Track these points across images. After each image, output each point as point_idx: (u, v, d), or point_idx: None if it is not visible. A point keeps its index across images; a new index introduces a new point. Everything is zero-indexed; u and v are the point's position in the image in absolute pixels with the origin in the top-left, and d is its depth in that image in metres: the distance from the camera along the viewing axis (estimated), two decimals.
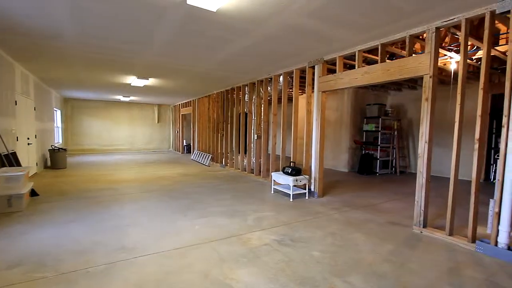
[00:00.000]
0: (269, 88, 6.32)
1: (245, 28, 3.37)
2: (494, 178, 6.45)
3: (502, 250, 2.68)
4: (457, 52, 4.31)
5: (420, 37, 3.80)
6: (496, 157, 6.51)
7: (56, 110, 10.31)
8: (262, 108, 6.35)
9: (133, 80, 6.84)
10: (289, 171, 4.77)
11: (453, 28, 3.22)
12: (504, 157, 2.67)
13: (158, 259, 2.54)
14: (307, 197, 4.79)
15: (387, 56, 4.36)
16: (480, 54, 4.46)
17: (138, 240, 2.96)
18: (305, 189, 4.81)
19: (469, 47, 4.15)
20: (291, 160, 5.15)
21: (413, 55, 3.35)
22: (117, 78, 6.75)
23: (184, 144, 12.33)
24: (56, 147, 8.10)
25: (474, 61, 4.79)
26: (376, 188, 5.74)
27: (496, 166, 6.53)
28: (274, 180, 5.11)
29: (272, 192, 5.16)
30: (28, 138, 6.17)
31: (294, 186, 4.76)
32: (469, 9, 2.82)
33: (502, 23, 3.39)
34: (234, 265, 2.44)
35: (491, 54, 3.51)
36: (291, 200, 4.61)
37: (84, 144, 11.99)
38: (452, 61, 4.69)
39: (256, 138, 6.57)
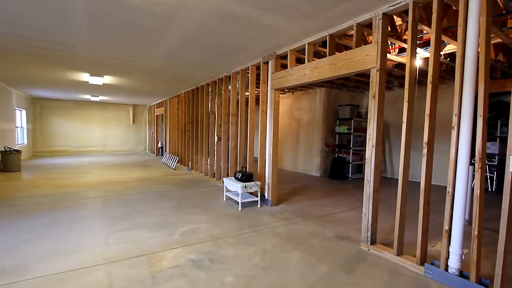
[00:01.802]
0: (230, 86, 5.87)
1: (169, 14, 2.92)
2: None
3: (452, 276, 2.24)
4: (422, 46, 3.91)
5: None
6: (472, 161, 6.11)
7: (19, 110, 9.75)
8: (223, 108, 5.89)
9: (88, 78, 6.33)
10: (239, 177, 4.30)
11: (403, 14, 2.80)
12: (454, 165, 2.24)
13: (34, 285, 2.04)
14: (259, 206, 4.32)
15: (345, 51, 3.93)
16: (449, 49, 4.06)
17: (26, 260, 2.46)
18: (258, 197, 4.34)
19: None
20: (243, 165, 4.68)
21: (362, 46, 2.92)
22: (69, 75, 6.23)
23: (159, 146, 11.81)
24: (9, 148, 7.52)
25: (443, 57, 4.39)
26: (342, 195, 5.29)
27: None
28: (225, 187, 4.64)
29: (225, 199, 4.68)
30: None
31: (247, 193, 4.31)
32: None
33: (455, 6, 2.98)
34: None
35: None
36: (239, 209, 4.13)
37: (55, 145, 11.39)
38: (418, 56, 4.28)
39: (217, 140, 6.10)
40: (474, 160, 2.17)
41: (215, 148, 6.24)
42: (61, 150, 11.35)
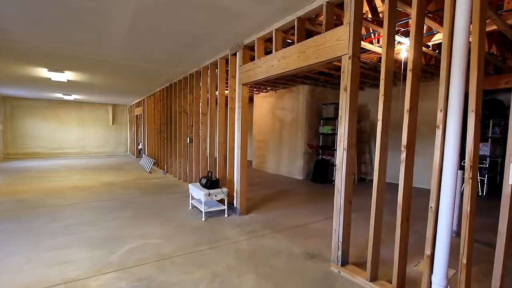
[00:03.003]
0: (201, 83, 5.37)
1: None
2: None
3: None
4: (406, 35, 3.48)
5: None
6: (462, 163, 5.71)
7: None
8: (194, 106, 5.39)
9: (48, 74, 5.76)
10: (204, 183, 3.82)
11: None
12: (439, 173, 1.79)
13: None
14: (226, 215, 3.83)
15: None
16: (439, 38, 3.63)
17: None
18: (225, 205, 3.85)
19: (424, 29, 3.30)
20: (209, 170, 4.19)
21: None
22: (28, 71, 5.66)
23: (139, 147, 11.23)
24: None
25: (431, 48, 3.96)
26: (322, 201, 4.84)
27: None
28: (190, 194, 4.14)
29: (190, 207, 4.18)
30: None
31: (216, 200, 3.82)
32: None
33: None
34: None
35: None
36: (203, 219, 3.64)
37: (28, 147, 10.71)
38: (403, 48, 3.85)
39: (189, 142, 5.60)
40: (464, 163, 1.72)
41: (188, 150, 5.74)
42: (34, 152, 10.66)
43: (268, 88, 7.81)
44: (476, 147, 1.69)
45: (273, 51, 3.16)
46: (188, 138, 5.64)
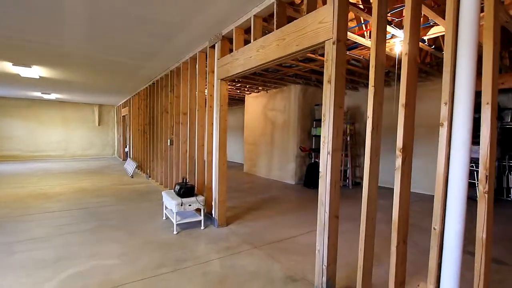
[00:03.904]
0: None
1: None
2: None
3: None
4: (399, 26, 3.10)
5: None
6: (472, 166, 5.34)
7: None
8: (175, 105, 4.98)
9: (14, 69, 5.31)
10: (177, 190, 3.40)
11: None
12: (443, 184, 1.40)
13: None
14: (202, 227, 3.41)
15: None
16: (435, 31, 3.27)
17: None
18: (201, 216, 3.43)
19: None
20: (183, 176, 3.78)
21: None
22: None
23: (126, 150, 10.75)
24: None
25: (427, 43, 3.60)
26: (313, 208, 4.41)
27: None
28: (164, 202, 3.71)
29: (164, 218, 3.75)
30: None
31: (193, 210, 3.40)
32: None
33: None
34: None
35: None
36: (174, 232, 3.22)
37: (4, 150, 10.01)
38: (397, 41, 3.48)
39: (169, 144, 5.18)
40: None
41: (168, 153, 5.32)
42: (11, 155, 10.07)
43: (260, 88, 7.42)
44: (493, 150, 1.30)
45: (252, 41, 2.77)
46: (168, 140, 5.22)
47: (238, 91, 7.90)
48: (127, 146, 10.79)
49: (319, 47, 2.08)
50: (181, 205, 3.22)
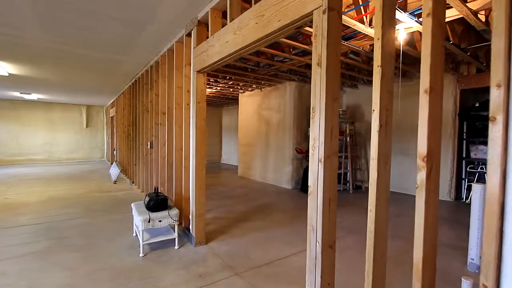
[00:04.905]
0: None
1: None
2: (467, 198, 4.77)
3: None
4: (404, 9, 2.60)
5: None
6: (468, 169, 4.85)
7: None
8: (154, 104, 4.47)
9: None
10: (147, 203, 2.88)
11: None
12: (499, 212, 0.88)
13: None
14: (177, 246, 2.88)
15: None
16: (451, 15, 2.76)
17: None
18: (175, 233, 2.91)
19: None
20: (155, 185, 3.26)
21: None
22: None
23: (114, 153, 10.23)
24: None
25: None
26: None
27: (467, 181, 4.86)
28: (133, 216, 3.19)
29: (134, 234, 3.23)
30: None
31: (169, 225, 2.88)
32: None
33: None
34: None
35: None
36: (141, 254, 2.69)
37: None
38: (401, 27, 2.96)
39: (149, 147, 4.67)
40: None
41: (149, 156, 4.81)
42: None
43: (254, 86, 6.92)
44: None
45: (228, 22, 2.26)
46: (149, 142, 4.71)
47: (231, 90, 7.40)
48: (115, 149, 10.28)
49: (306, 21, 1.57)
50: (149, 221, 2.70)
